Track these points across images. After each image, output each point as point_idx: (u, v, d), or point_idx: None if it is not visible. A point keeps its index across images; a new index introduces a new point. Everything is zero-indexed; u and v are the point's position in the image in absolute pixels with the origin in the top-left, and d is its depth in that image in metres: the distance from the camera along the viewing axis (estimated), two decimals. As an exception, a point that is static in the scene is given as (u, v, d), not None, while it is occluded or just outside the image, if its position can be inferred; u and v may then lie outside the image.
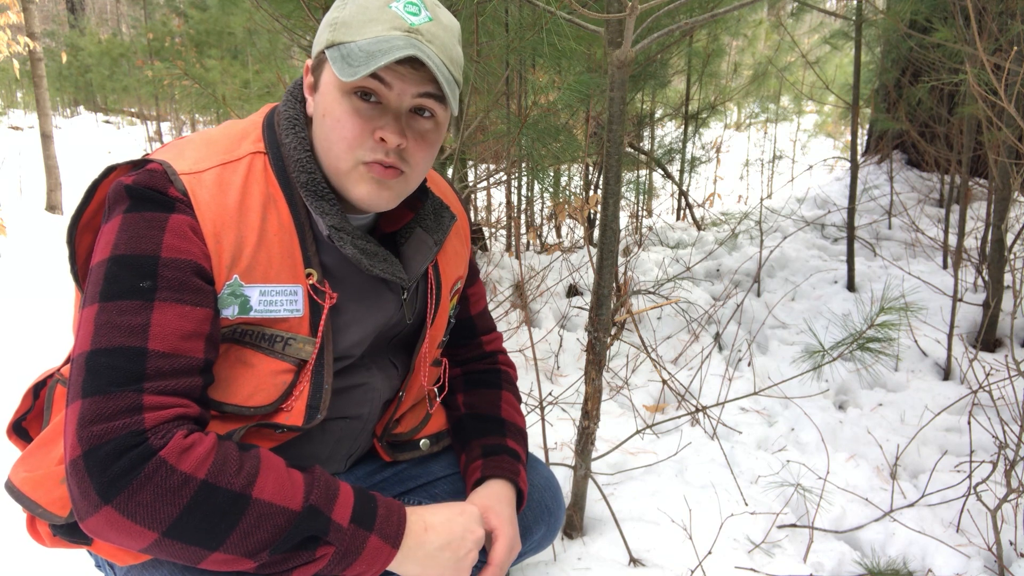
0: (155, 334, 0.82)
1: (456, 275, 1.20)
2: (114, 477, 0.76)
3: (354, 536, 0.86)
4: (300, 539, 0.83)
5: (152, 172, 0.89)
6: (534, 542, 1.25)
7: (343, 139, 0.92)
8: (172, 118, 12.93)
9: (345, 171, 0.94)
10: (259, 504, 0.81)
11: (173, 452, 0.79)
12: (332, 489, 0.88)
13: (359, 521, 0.87)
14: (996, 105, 2.38)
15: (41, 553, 1.61)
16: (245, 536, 0.80)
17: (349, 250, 0.96)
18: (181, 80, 3.82)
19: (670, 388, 2.45)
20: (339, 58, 0.89)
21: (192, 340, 0.85)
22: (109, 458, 0.76)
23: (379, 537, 0.88)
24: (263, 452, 0.87)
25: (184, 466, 0.78)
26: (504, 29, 2.82)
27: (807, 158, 8.21)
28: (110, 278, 0.84)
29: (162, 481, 0.77)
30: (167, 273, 0.85)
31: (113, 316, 0.82)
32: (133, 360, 0.81)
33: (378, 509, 0.90)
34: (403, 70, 0.90)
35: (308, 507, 0.84)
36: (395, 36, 0.89)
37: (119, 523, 0.76)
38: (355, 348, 1.05)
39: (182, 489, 0.78)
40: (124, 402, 0.79)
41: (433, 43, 0.91)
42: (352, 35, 0.90)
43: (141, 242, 0.85)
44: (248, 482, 0.82)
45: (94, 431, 0.77)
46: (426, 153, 0.97)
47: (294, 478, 0.86)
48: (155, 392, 0.81)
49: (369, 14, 0.91)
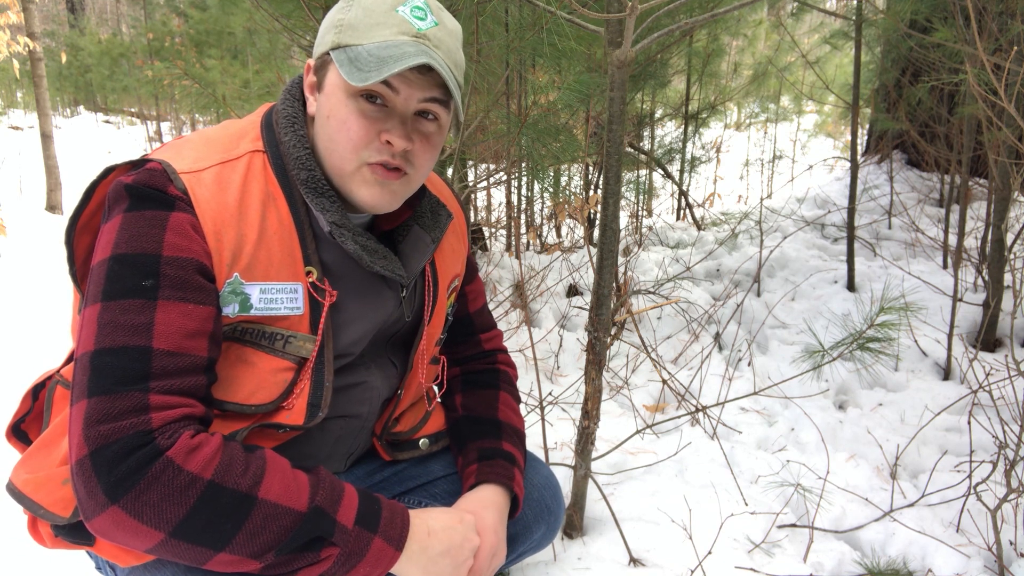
0: (159, 333, 0.82)
1: (453, 272, 1.20)
2: (121, 477, 0.76)
3: (359, 538, 0.86)
4: (306, 540, 0.83)
5: (152, 171, 0.89)
6: (534, 541, 1.25)
7: (349, 140, 0.92)
8: (172, 118, 12.93)
9: (349, 172, 0.94)
10: (265, 505, 0.81)
11: (180, 452, 0.79)
12: (337, 490, 0.88)
13: (364, 523, 0.87)
14: (996, 105, 2.38)
15: (42, 554, 1.61)
16: (251, 537, 0.80)
17: (350, 246, 0.96)
18: (181, 80, 3.81)
19: (670, 388, 2.45)
20: (347, 61, 0.89)
21: (196, 338, 0.85)
22: (116, 458, 0.76)
23: (383, 539, 0.88)
24: (268, 453, 0.87)
25: (191, 466, 0.79)
26: (504, 29, 2.82)
27: (807, 158, 8.20)
28: (112, 277, 0.84)
29: (169, 481, 0.77)
30: (169, 271, 0.84)
31: (116, 315, 0.82)
32: (138, 359, 0.81)
33: (382, 511, 0.90)
34: (411, 75, 0.91)
35: (314, 508, 0.84)
36: (404, 41, 0.90)
37: (126, 523, 0.76)
38: (355, 346, 1.05)
39: (189, 489, 0.78)
40: (130, 402, 0.79)
41: (440, 48, 0.92)
42: (359, 38, 0.91)
43: (142, 241, 0.85)
44: (254, 482, 0.82)
45: (101, 430, 0.77)
46: (430, 155, 0.98)
47: (299, 479, 0.86)
48: (161, 391, 0.81)
49: (376, 17, 0.91)
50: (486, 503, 1.09)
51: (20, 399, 1.06)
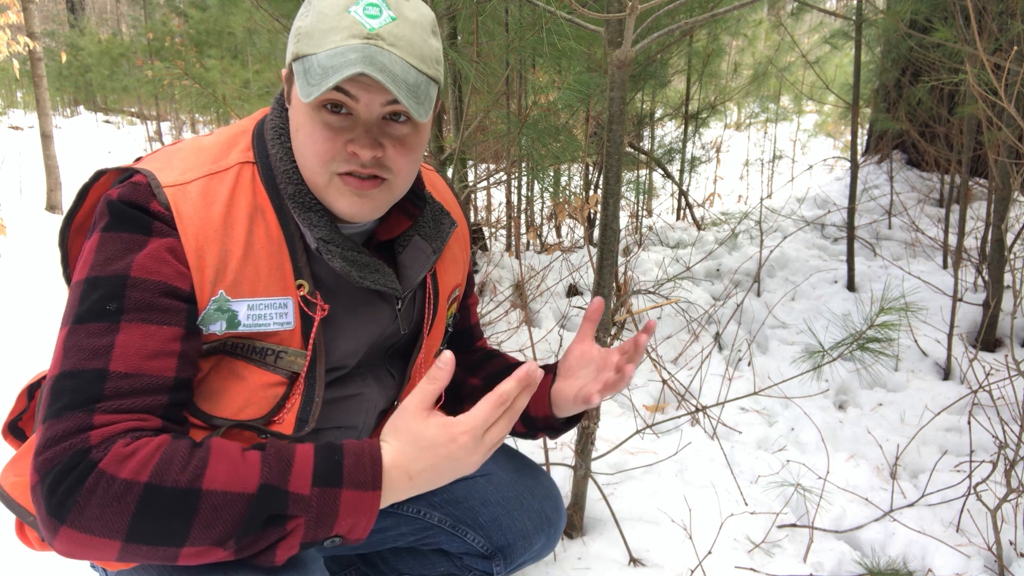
0: (117, 355, 0.81)
1: (454, 283, 1.18)
2: (62, 498, 0.75)
3: (322, 498, 0.80)
4: (263, 519, 0.79)
5: (136, 185, 0.87)
6: (534, 552, 1.24)
7: (316, 154, 0.89)
8: (172, 118, 12.93)
9: (323, 185, 0.92)
10: (211, 495, 0.78)
11: (112, 461, 0.77)
12: (285, 460, 0.82)
13: (324, 481, 0.81)
14: (996, 105, 2.38)
15: (37, 553, 1.61)
16: (207, 528, 0.78)
17: (337, 263, 0.93)
18: (181, 80, 3.81)
19: (670, 388, 2.45)
20: (301, 73, 0.87)
21: (158, 359, 0.83)
22: (56, 480, 0.76)
23: (352, 488, 0.81)
24: (215, 441, 0.83)
25: (124, 473, 0.76)
26: (504, 29, 2.82)
27: (807, 158, 8.20)
28: (82, 299, 0.83)
29: (104, 491, 0.75)
30: (134, 295, 0.83)
31: (81, 339, 0.82)
32: (92, 382, 0.80)
33: (344, 459, 0.83)
34: (366, 80, 0.86)
35: (262, 487, 0.79)
36: (351, 47, 0.85)
37: (80, 540, 0.76)
38: (348, 359, 1.03)
39: (126, 496, 0.76)
40: (73, 423, 0.78)
41: (396, 46, 0.87)
42: (314, 47, 0.87)
43: (112, 263, 0.84)
44: (196, 475, 0.78)
45: (47, 456, 0.77)
46: (408, 158, 0.93)
47: (249, 460, 0.81)
48: (108, 411, 0.79)
49: (328, 21, 0.86)
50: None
51: (16, 398, 1.06)
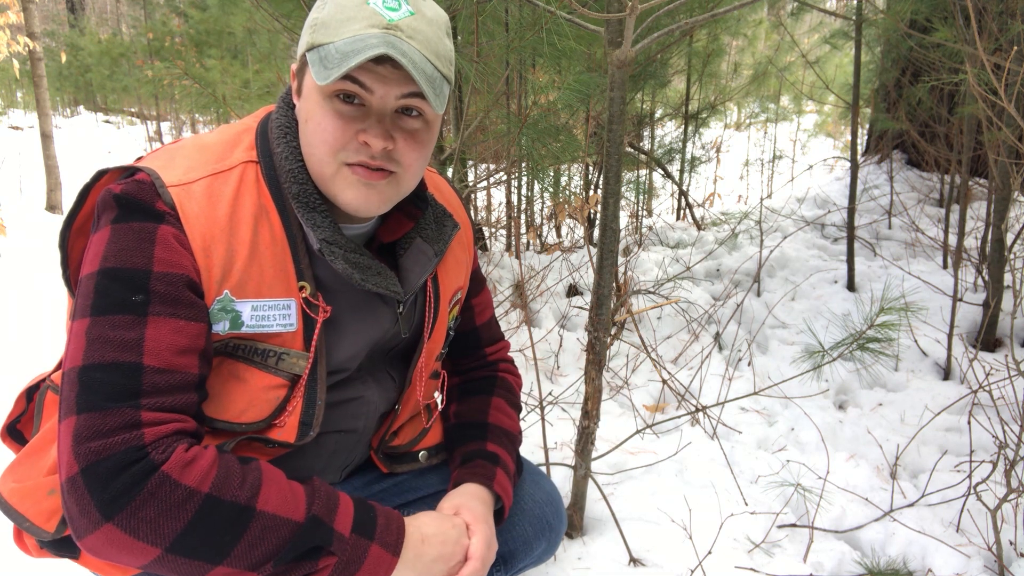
0: (149, 349, 0.81)
1: (456, 286, 1.17)
2: (116, 494, 0.75)
3: (356, 545, 0.85)
4: (304, 550, 0.82)
5: (140, 184, 0.86)
6: (534, 556, 1.24)
7: (324, 143, 0.89)
8: (172, 118, 12.93)
9: (330, 175, 0.91)
10: (264, 516, 0.80)
11: (176, 466, 0.77)
12: (333, 499, 0.87)
13: (360, 531, 0.87)
14: (996, 105, 2.38)
15: (35, 560, 1.60)
16: (250, 548, 0.79)
17: (340, 265, 0.93)
18: (181, 80, 3.80)
19: (670, 388, 2.45)
20: (317, 61, 0.86)
21: (186, 355, 0.83)
22: (110, 475, 0.75)
23: (380, 546, 0.88)
24: (264, 464, 0.86)
25: (188, 480, 0.77)
26: (504, 29, 2.82)
27: (807, 158, 8.20)
28: (101, 291, 0.82)
29: (166, 496, 0.76)
30: (159, 287, 0.83)
31: (106, 330, 0.80)
32: (129, 376, 0.79)
33: (377, 518, 0.90)
34: (383, 71, 0.86)
35: (311, 517, 0.83)
36: (371, 34, 0.85)
37: (120, 540, 0.75)
38: (350, 362, 1.03)
39: (187, 503, 0.77)
40: (122, 418, 0.77)
41: (414, 39, 0.87)
42: (331, 36, 0.87)
43: (132, 255, 0.83)
44: (252, 494, 0.81)
45: (92, 447, 0.76)
46: (418, 153, 0.93)
47: (295, 490, 0.85)
48: (152, 408, 0.79)
49: (347, 12, 0.87)
50: (471, 494, 1.06)
51: (14, 400, 1.05)
